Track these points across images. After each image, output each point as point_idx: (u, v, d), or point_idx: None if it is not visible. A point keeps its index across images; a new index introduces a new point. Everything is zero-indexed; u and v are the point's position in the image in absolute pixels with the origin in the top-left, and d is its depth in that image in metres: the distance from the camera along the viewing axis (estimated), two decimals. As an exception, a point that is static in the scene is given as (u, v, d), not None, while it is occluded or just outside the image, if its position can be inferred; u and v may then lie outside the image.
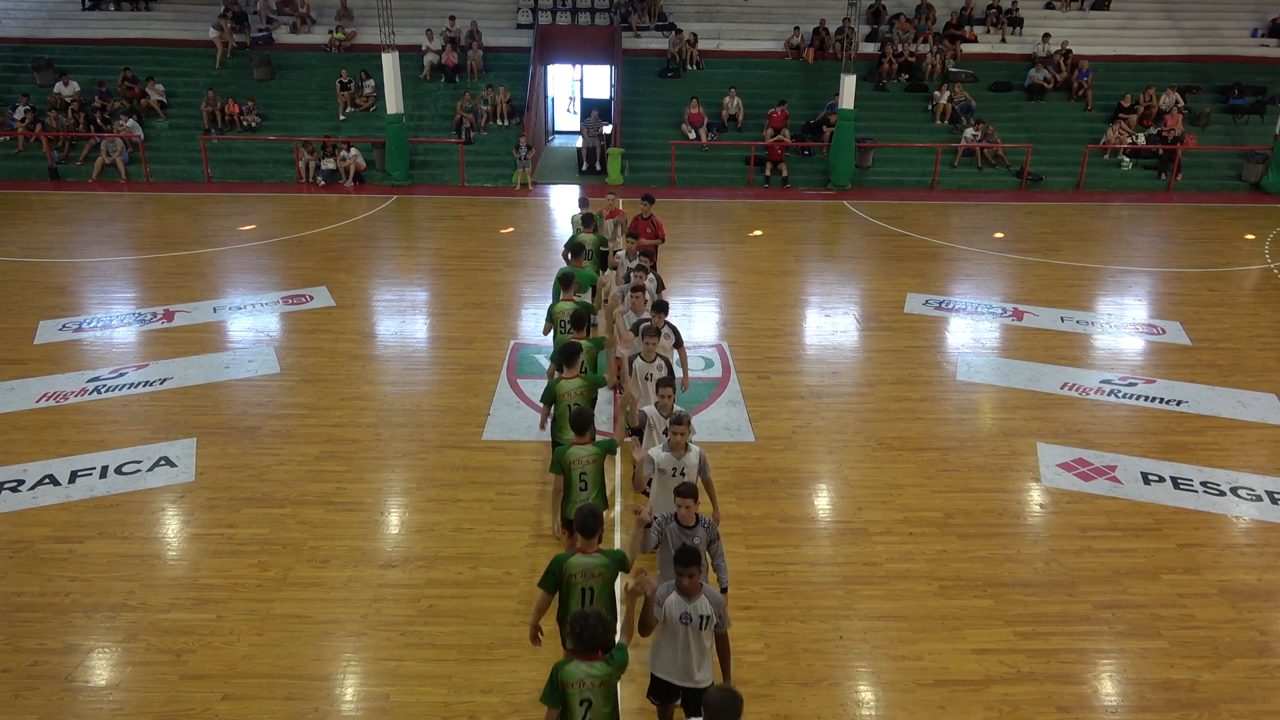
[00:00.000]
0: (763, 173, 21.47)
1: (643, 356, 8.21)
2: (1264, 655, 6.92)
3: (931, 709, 6.38)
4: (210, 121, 21.80)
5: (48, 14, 24.48)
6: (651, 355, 8.22)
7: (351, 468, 9.27)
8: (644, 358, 8.20)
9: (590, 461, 6.72)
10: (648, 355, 8.19)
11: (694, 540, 5.87)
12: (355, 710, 6.32)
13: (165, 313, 13.17)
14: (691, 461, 6.69)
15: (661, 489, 6.69)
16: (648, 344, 8.16)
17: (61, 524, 8.28)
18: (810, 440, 9.95)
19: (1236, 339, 12.84)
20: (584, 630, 4.71)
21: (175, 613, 7.17)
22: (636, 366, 8.17)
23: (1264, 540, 8.34)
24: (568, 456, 6.66)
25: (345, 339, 12.41)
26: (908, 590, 7.56)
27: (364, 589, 7.47)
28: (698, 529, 5.96)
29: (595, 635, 4.72)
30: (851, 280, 15.17)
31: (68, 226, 17.45)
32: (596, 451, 6.77)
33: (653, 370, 8.22)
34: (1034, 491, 9.06)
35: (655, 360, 8.24)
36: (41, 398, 10.63)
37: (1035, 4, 25.86)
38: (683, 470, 6.61)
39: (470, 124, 22.07)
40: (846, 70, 20.47)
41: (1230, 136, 22.88)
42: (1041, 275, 15.45)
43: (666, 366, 8.20)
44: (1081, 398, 11.01)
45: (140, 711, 6.25)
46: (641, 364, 8.23)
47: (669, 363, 8.29)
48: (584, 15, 24.74)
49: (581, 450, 6.70)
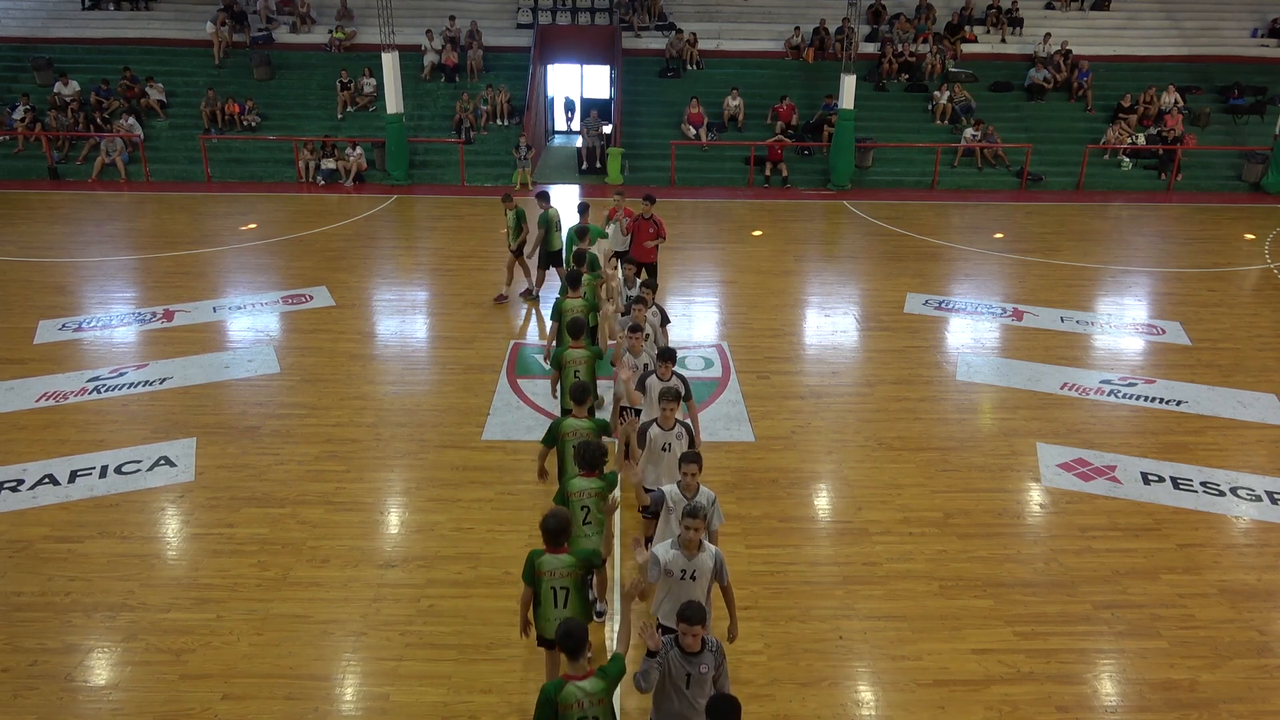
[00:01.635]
0: (763, 173, 21.47)
1: (659, 424, 7.09)
2: (1264, 655, 6.92)
3: (931, 709, 6.38)
4: (210, 121, 21.80)
5: (48, 14, 24.48)
6: (670, 422, 7.05)
7: (351, 467, 9.27)
8: (661, 425, 7.08)
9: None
10: (665, 422, 7.05)
11: (700, 669, 4.92)
12: (355, 710, 6.32)
13: (165, 312, 13.17)
14: (706, 564, 5.55)
15: (667, 597, 5.67)
16: (665, 411, 7.02)
17: (61, 524, 8.28)
18: (810, 440, 9.95)
19: (1236, 339, 12.84)
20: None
21: (175, 612, 7.17)
22: (652, 435, 7.04)
23: (1264, 540, 8.34)
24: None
25: (345, 339, 12.41)
26: (907, 590, 7.56)
27: (364, 589, 7.47)
28: (704, 655, 4.93)
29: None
30: (851, 280, 15.17)
31: (68, 226, 17.45)
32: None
33: (672, 440, 7.04)
34: (1034, 491, 9.06)
35: (674, 427, 7.07)
36: (41, 397, 10.63)
37: (1035, 4, 25.85)
38: (694, 574, 5.54)
39: (470, 124, 22.07)
40: (846, 70, 20.47)
41: (1230, 136, 22.88)
42: (1041, 275, 15.45)
43: (687, 434, 7.11)
44: (1081, 398, 11.01)
45: (140, 711, 6.25)
46: (659, 432, 7.07)
47: (690, 429, 7.19)
48: (584, 15, 24.74)
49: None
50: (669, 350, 7.81)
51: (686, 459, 6.24)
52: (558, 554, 5.72)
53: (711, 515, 6.05)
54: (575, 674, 4.75)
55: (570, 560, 5.74)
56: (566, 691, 4.69)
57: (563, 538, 5.73)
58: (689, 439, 7.13)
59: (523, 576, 5.85)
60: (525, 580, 5.84)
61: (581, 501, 6.39)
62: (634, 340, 8.33)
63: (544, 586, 5.77)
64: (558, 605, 5.78)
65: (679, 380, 7.71)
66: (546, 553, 5.73)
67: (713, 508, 6.14)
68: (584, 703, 4.69)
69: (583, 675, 4.74)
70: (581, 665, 4.76)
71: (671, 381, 7.62)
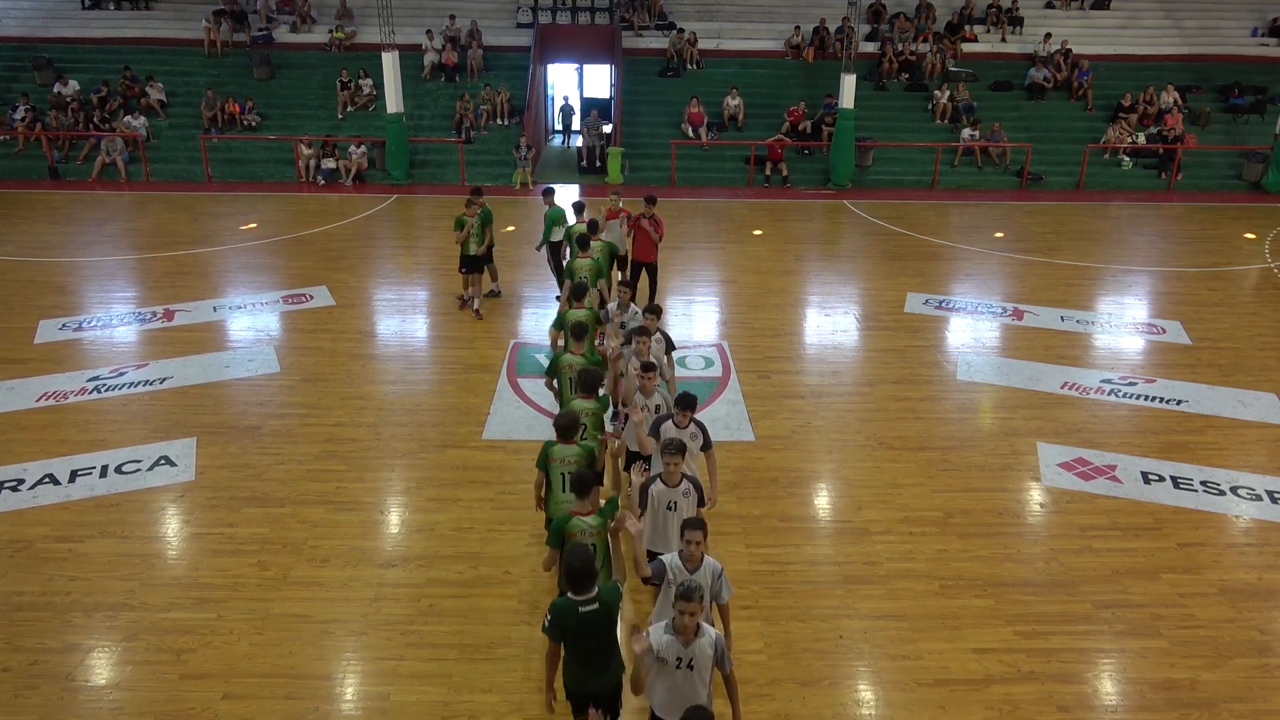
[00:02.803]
0: (763, 172, 21.46)
1: (664, 479, 6.24)
2: (1264, 655, 6.92)
3: (931, 708, 6.38)
4: (210, 121, 21.80)
5: (48, 13, 24.47)
6: (676, 478, 6.21)
7: (351, 467, 9.27)
8: (665, 480, 6.22)
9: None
10: (670, 478, 6.18)
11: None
12: (355, 709, 6.32)
13: (165, 312, 13.17)
14: (704, 652, 4.88)
15: (662, 686, 5.00)
16: (669, 465, 6.14)
17: (61, 523, 8.28)
18: (810, 440, 9.95)
19: (1236, 338, 12.84)
20: None
21: (175, 612, 7.17)
22: (655, 492, 6.30)
23: (1264, 540, 8.34)
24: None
25: (345, 338, 12.41)
26: (908, 590, 7.56)
27: (364, 588, 7.47)
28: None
29: None
30: (851, 280, 15.17)
31: (68, 226, 17.45)
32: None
33: (678, 498, 6.20)
34: (1034, 491, 9.06)
35: (680, 483, 6.20)
36: (41, 397, 10.62)
37: (1035, 3, 25.84)
38: (691, 662, 4.89)
39: (470, 123, 22.07)
40: (846, 69, 20.46)
41: (1230, 136, 22.87)
42: (1041, 275, 15.45)
43: (696, 491, 6.31)
44: (1082, 397, 11.01)
45: (140, 711, 6.25)
46: (662, 489, 6.24)
47: (698, 485, 6.40)
48: (584, 15, 24.74)
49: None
50: (688, 397, 6.98)
51: (689, 525, 5.49)
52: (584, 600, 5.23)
53: (719, 589, 5.51)
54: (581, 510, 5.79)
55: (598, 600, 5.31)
56: (572, 523, 5.73)
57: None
58: (698, 496, 6.35)
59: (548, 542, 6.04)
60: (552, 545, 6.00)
61: (579, 540, 5.84)
62: (646, 380, 7.51)
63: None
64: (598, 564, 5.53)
65: (697, 428, 6.98)
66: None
67: (719, 581, 5.51)
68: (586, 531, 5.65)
69: (586, 512, 5.80)
70: (586, 505, 5.78)
71: (688, 429, 6.93)
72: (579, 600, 5.16)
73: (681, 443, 6.32)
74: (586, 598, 5.16)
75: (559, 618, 5.20)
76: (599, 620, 5.21)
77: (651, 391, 7.58)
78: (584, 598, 5.16)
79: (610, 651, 5.39)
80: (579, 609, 5.17)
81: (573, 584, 5.18)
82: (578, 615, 5.17)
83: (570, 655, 5.35)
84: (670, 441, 6.29)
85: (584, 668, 5.35)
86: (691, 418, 6.96)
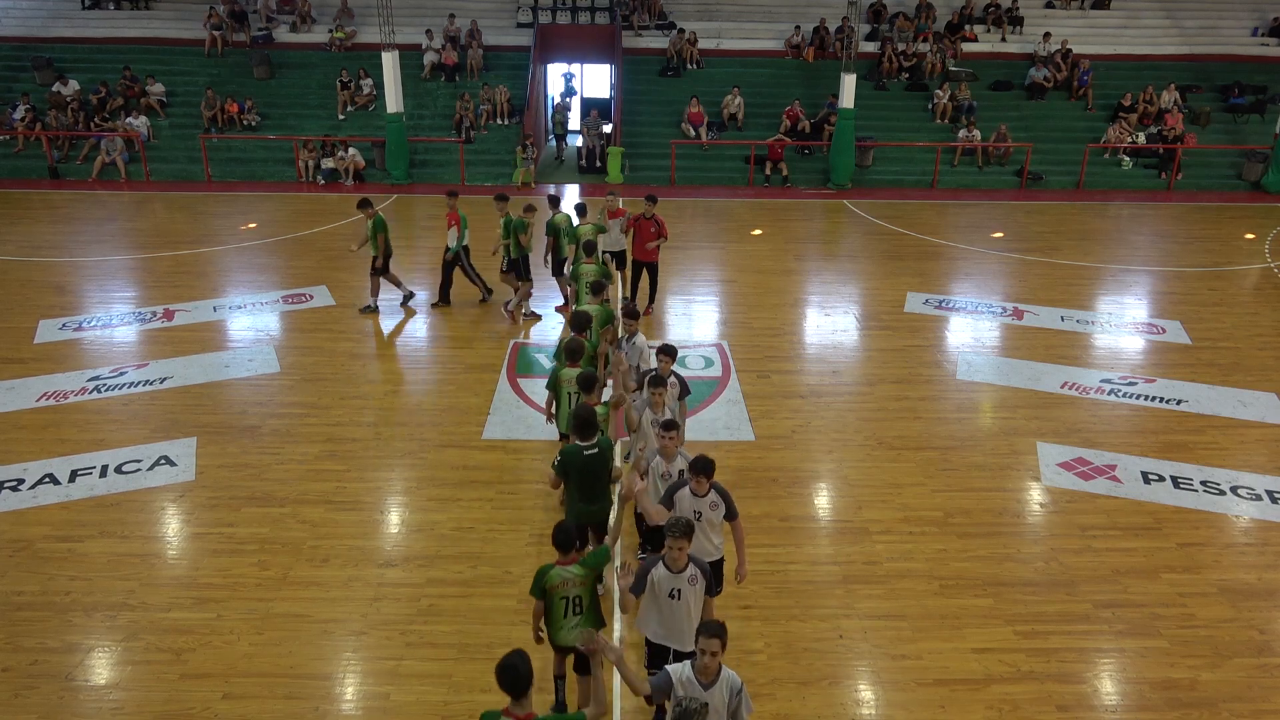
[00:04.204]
0: (763, 172, 21.46)
1: (667, 563, 5.36)
2: (1264, 655, 6.91)
3: (931, 708, 6.38)
4: (210, 121, 21.80)
5: (48, 13, 24.49)
6: (681, 562, 5.34)
7: (351, 467, 9.27)
8: (669, 565, 5.35)
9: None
10: (674, 562, 5.32)
11: None
12: (355, 709, 6.32)
13: (165, 312, 13.17)
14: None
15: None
16: (675, 550, 5.27)
17: (61, 523, 8.28)
18: (810, 439, 9.95)
19: (1236, 338, 12.84)
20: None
21: (175, 612, 7.17)
22: (656, 578, 5.40)
23: (1264, 539, 8.34)
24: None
25: (345, 338, 12.41)
26: (908, 589, 7.56)
27: (364, 588, 7.47)
28: None
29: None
30: (851, 279, 15.16)
31: (68, 226, 17.45)
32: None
33: (682, 585, 5.36)
34: (1034, 491, 9.05)
35: (686, 568, 5.38)
36: (41, 397, 10.62)
37: (1035, 3, 25.85)
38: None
39: (470, 123, 22.07)
40: (846, 69, 20.47)
41: (1230, 136, 22.87)
42: (1041, 274, 15.45)
43: (704, 578, 5.43)
44: (1082, 397, 11.01)
45: (140, 711, 6.25)
46: (665, 575, 5.37)
47: (707, 573, 5.48)
48: (584, 14, 24.74)
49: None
50: (705, 461, 6.01)
51: (705, 631, 4.59)
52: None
53: (738, 708, 4.73)
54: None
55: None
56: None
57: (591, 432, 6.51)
58: (705, 582, 5.42)
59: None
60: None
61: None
62: (667, 441, 6.61)
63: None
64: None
65: (718, 496, 6.11)
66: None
67: (738, 698, 4.70)
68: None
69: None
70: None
71: (707, 497, 6.07)
72: (583, 446, 6.60)
73: (688, 524, 5.32)
74: (589, 444, 6.60)
75: (566, 460, 6.63)
76: (599, 462, 6.65)
77: (674, 454, 6.60)
78: (587, 444, 6.60)
79: (605, 488, 6.80)
80: (583, 453, 6.60)
81: (579, 432, 6.60)
82: (582, 458, 6.60)
83: (574, 490, 6.71)
84: (676, 522, 5.28)
85: (585, 500, 6.74)
86: (711, 484, 6.10)
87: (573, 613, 5.64)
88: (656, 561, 5.44)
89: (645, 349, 8.70)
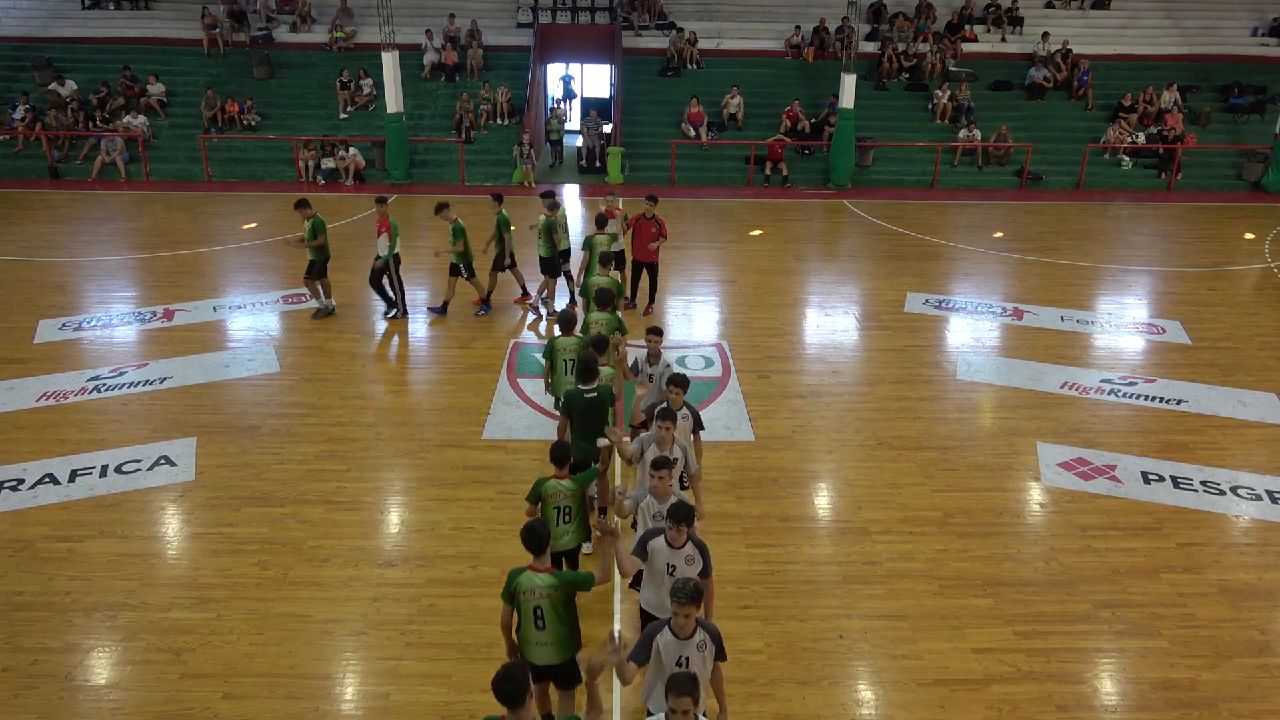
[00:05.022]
0: (763, 172, 21.46)
1: (673, 629, 4.94)
2: (1264, 655, 6.91)
3: (931, 708, 6.38)
4: (210, 121, 21.80)
5: (48, 13, 24.49)
6: (689, 628, 4.93)
7: (351, 467, 9.27)
8: (676, 631, 4.93)
9: None
10: (682, 628, 4.92)
11: None
12: (355, 709, 6.32)
13: (165, 312, 13.17)
14: None
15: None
16: (680, 616, 4.87)
17: (61, 523, 8.28)
18: (810, 439, 9.95)
19: (1236, 338, 12.84)
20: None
21: (175, 612, 7.17)
22: (663, 644, 4.98)
23: (1264, 539, 8.34)
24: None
25: (345, 338, 12.41)
26: (908, 589, 7.56)
27: (364, 588, 7.47)
28: None
29: None
30: (851, 279, 15.17)
31: (68, 225, 17.45)
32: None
33: (690, 653, 4.94)
34: (1034, 491, 9.05)
35: (695, 633, 4.94)
36: (41, 397, 10.62)
37: (1035, 3, 25.85)
38: None
39: (470, 123, 22.07)
40: (846, 69, 20.47)
41: (1230, 136, 22.87)
42: (1041, 274, 15.45)
43: (714, 643, 5.02)
44: (1081, 397, 11.01)
45: (140, 711, 6.25)
46: (672, 641, 4.94)
47: (717, 638, 5.04)
48: (584, 14, 24.74)
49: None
50: (684, 509, 5.47)
51: (675, 689, 4.28)
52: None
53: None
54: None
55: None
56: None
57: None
58: (715, 647, 5.01)
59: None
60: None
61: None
62: (658, 481, 6.05)
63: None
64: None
65: (695, 550, 5.56)
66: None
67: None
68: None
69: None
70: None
71: (683, 549, 5.52)
72: (585, 389, 7.40)
73: (696, 589, 4.80)
74: (590, 388, 7.40)
75: (570, 401, 7.48)
76: (598, 404, 7.41)
77: (667, 494, 6.03)
78: (588, 388, 7.40)
79: (602, 427, 7.36)
80: (584, 395, 7.41)
81: (581, 377, 7.44)
82: (583, 400, 7.41)
83: (575, 430, 7.47)
84: (680, 587, 4.79)
85: (585, 439, 7.43)
86: (689, 534, 5.54)
87: (536, 625, 5.36)
88: (662, 627, 5.00)
89: (673, 367, 8.29)
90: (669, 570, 5.51)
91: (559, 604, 5.34)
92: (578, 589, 5.40)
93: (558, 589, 5.31)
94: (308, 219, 12.62)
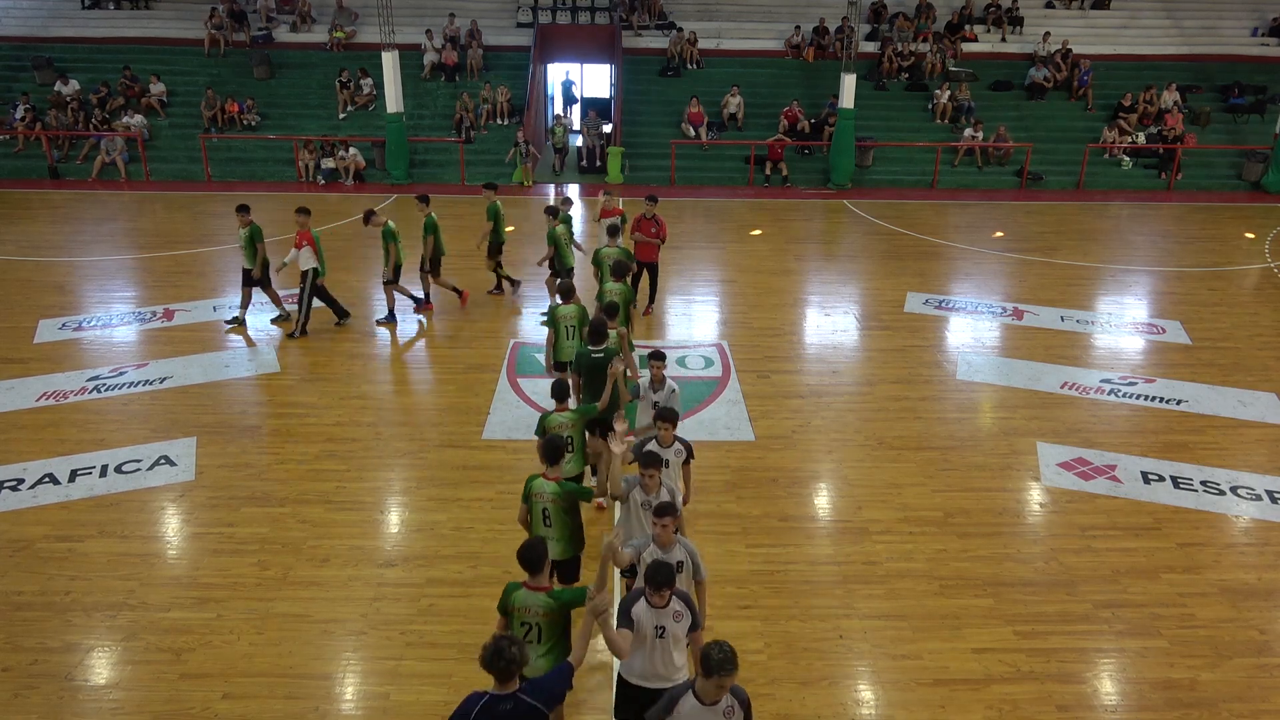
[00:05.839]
0: (763, 172, 21.46)
1: (697, 692, 4.45)
2: (1264, 655, 6.91)
3: (931, 708, 6.37)
4: (210, 121, 21.80)
5: (48, 13, 24.49)
6: (714, 696, 4.42)
7: (351, 467, 9.27)
8: (702, 696, 4.44)
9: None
10: (708, 695, 4.41)
11: None
12: (355, 709, 6.32)
13: (165, 311, 13.17)
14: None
15: None
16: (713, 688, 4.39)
17: (61, 523, 8.28)
18: (810, 439, 9.95)
19: (1236, 338, 12.84)
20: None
21: (175, 612, 7.17)
22: (686, 710, 4.52)
23: (1264, 539, 8.34)
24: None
25: (345, 338, 12.41)
26: (908, 589, 7.56)
27: (364, 588, 7.47)
28: None
29: None
30: (851, 279, 15.17)
31: (68, 225, 17.45)
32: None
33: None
34: (1034, 491, 9.05)
35: (721, 701, 4.44)
36: (41, 396, 10.62)
37: (1035, 3, 25.85)
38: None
39: (470, 123, 22.07)
40: (846, 69, 20.47)
41: (1230, 136, 22.88)
42: (1041, 274, 15.45)
43: (742, 709, 4.56)
44: (1081, 397, 11.01)
45: (140, 710, 6.25)
46: (696, 706, 4.45)
47: (746, 702, 4.58)
48: (584, 14, 24.75)
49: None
50: (664, 571, 4.96)
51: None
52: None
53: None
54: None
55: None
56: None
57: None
58: (744, 714, 4.57)
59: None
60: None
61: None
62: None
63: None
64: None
65: (681, 604, 5.11)
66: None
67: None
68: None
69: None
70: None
71: (667, 608, 5.03)
72: (592, 350, 8.12)
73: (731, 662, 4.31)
74: (598, 349, 8.12)
75: (579, 361, 8.20)
76: (605, 364, 7.82)
77: (671, 543, 5.57)
78: (596, 348, 8.12)
79: (603, 387, 7.76)
80: (591, 355, 8.10)
81: (591, 339, 8.20)
82: (590, 359, 8.09)
83: (584, 389, 8.12)
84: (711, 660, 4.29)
85: (592, 397, 8.00)
86: (671, 594, 5.04)
87: (530, 640, 5.28)
88: (686, 690, 4.55)
89: (677, 392, 8.00)
90: (658, 634, 5.08)
91: (555, 622, 5.30)
92: (574, 607, 5.32)
93: (555, 610, 5.25)
94: (244, 225, 12.30)
